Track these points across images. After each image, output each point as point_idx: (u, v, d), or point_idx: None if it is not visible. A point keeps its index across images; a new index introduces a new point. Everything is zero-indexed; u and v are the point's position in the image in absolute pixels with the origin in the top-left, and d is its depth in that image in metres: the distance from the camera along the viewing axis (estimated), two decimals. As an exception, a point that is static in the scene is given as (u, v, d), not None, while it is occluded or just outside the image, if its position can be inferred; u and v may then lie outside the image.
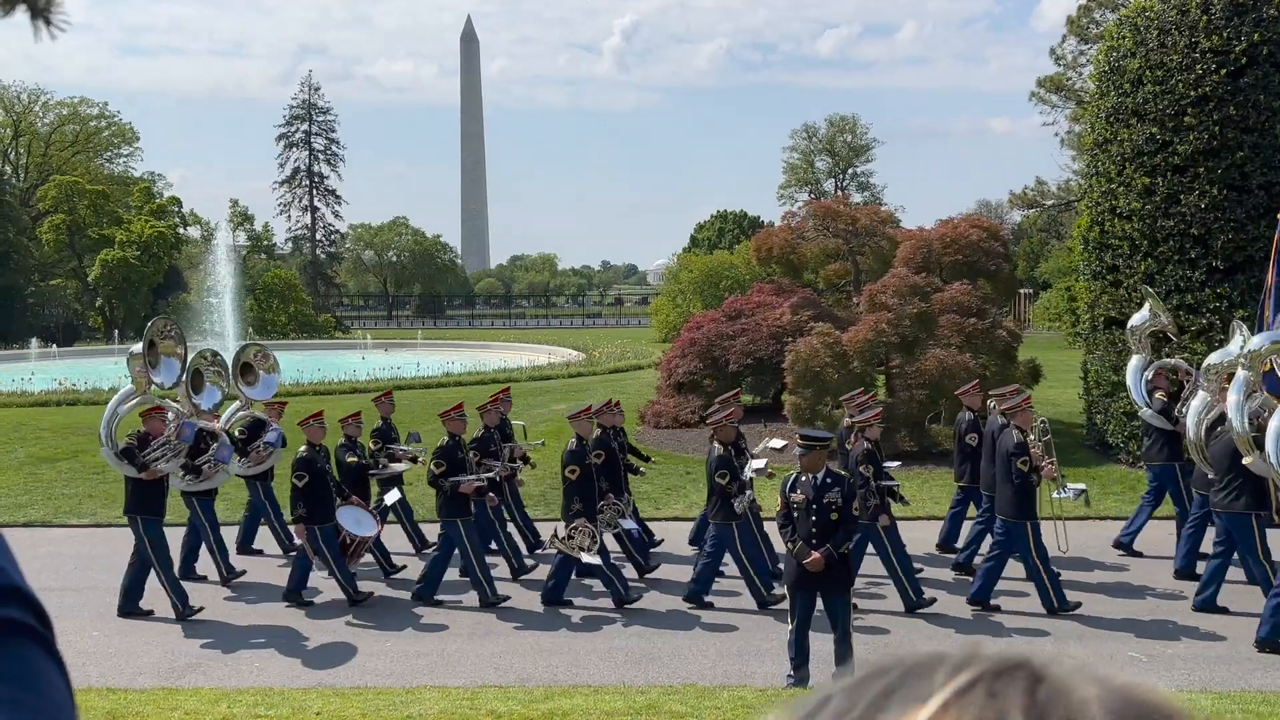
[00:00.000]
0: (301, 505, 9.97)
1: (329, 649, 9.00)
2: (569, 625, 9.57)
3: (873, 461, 9.91)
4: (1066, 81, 45.07)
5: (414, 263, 77.19)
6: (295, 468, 10.11)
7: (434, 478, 10.23)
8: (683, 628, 9.44)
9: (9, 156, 62.87)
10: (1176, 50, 14.38)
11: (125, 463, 9.89)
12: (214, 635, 9.39)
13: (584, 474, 9.96)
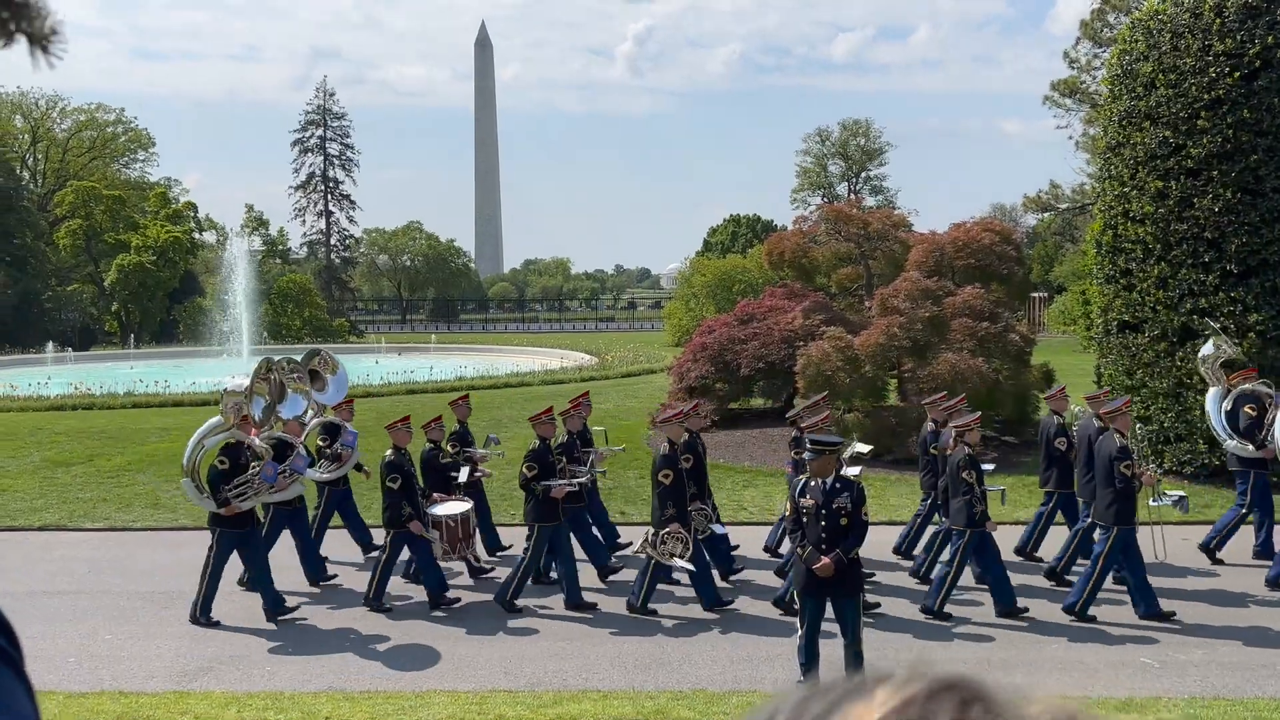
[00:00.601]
0: (394, 508, 10.03)
1: (339, 653, 9.03)
2: (579, 630, 9.58)
3: (974, 467, 9.71)
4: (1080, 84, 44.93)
5: (428, 267, 77.39)
6: (386, 471, 10.15)
7: (525, 481, 10.17)
8: (693, 633, 9.43)
9: (27, 162, 63.32)
10: (1190, 53, 14.32)
11: (205, 497, 9.93)
12: (226, 639, 9.43)
13: (676, 479, 9.83)
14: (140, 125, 68.83)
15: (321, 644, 9.27)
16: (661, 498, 9.83)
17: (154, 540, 13.11)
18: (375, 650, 9.09)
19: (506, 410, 23.22)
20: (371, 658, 8.89)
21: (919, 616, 9.74)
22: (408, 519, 10.05)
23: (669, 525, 9.63)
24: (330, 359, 12.13)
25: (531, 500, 10.21)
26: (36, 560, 12.13)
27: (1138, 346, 15.10)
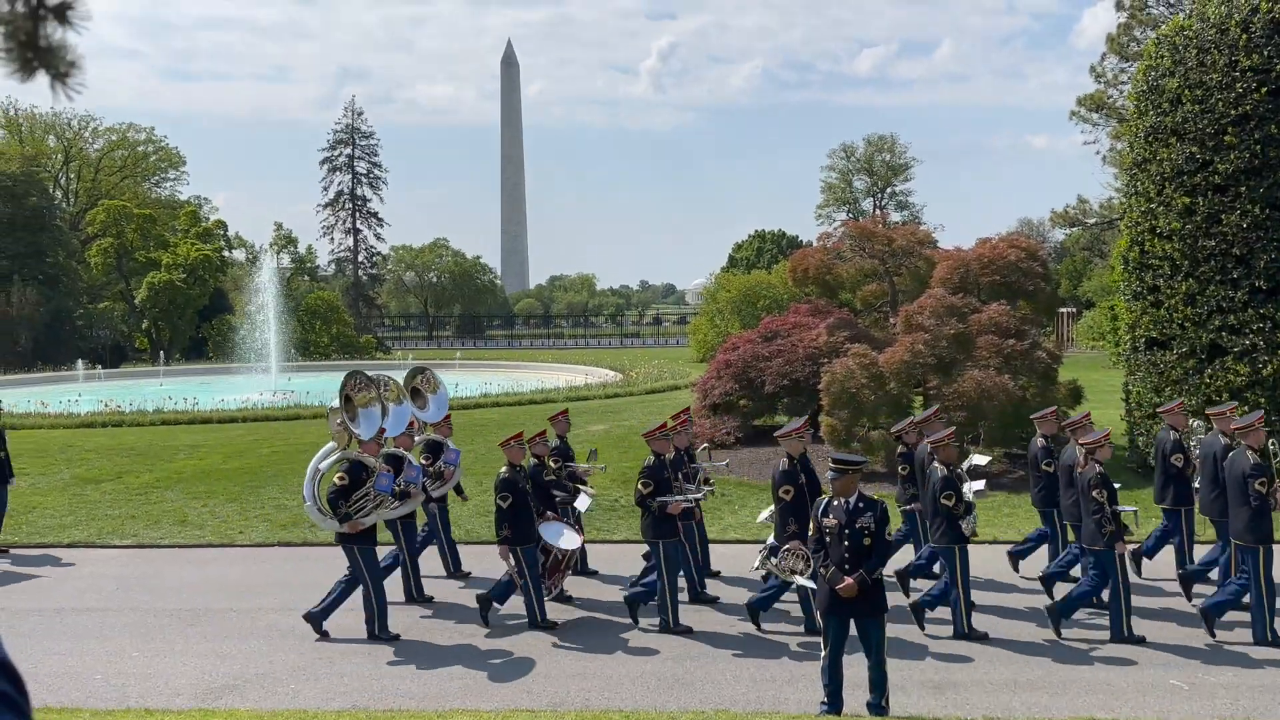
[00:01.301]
0: (506, 526, 10.00)
1: (363, 671, 9.06)
2: (602, 649, 9.57)
3: (1106, 485, 9.58)
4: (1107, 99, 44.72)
5: (454, 284, 77.78)
6: (499, 489, 10.10)
7: (641, 498, 10.05)
8: (717, 653, 9.40)
9: (60, 182, 64.20)
10: (1216, 69, 14.24)
11: (328, 518, 9.99)
12: (251, 657, 9.48)
13: (798, 494, 9.70)
14: (171, 144, 69.75)
15: (345, 663, 9.30)
16: (783, 514, 9.70)
17: (181, 557, 13.22)
18: (399, 669, 9.11)
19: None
20: (395, 677, 8.91)
21: (944, 634, 9.67)
22: (503, 541, 10.00)
23: (791, 542, 9.43)
24: (432, 377, 12.17)
25: (649, 517, 10.08)
26: (65, 577, 12.24)
27: (1165, 363, 14.97)
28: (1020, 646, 9.44)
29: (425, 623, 10.43)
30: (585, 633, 10.00)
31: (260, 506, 15.69)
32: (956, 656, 9.22)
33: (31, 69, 1.14)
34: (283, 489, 16.93)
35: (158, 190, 69.04)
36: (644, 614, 10.35)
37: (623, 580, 11.69)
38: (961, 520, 9.65)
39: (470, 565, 12.37)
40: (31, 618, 10.67)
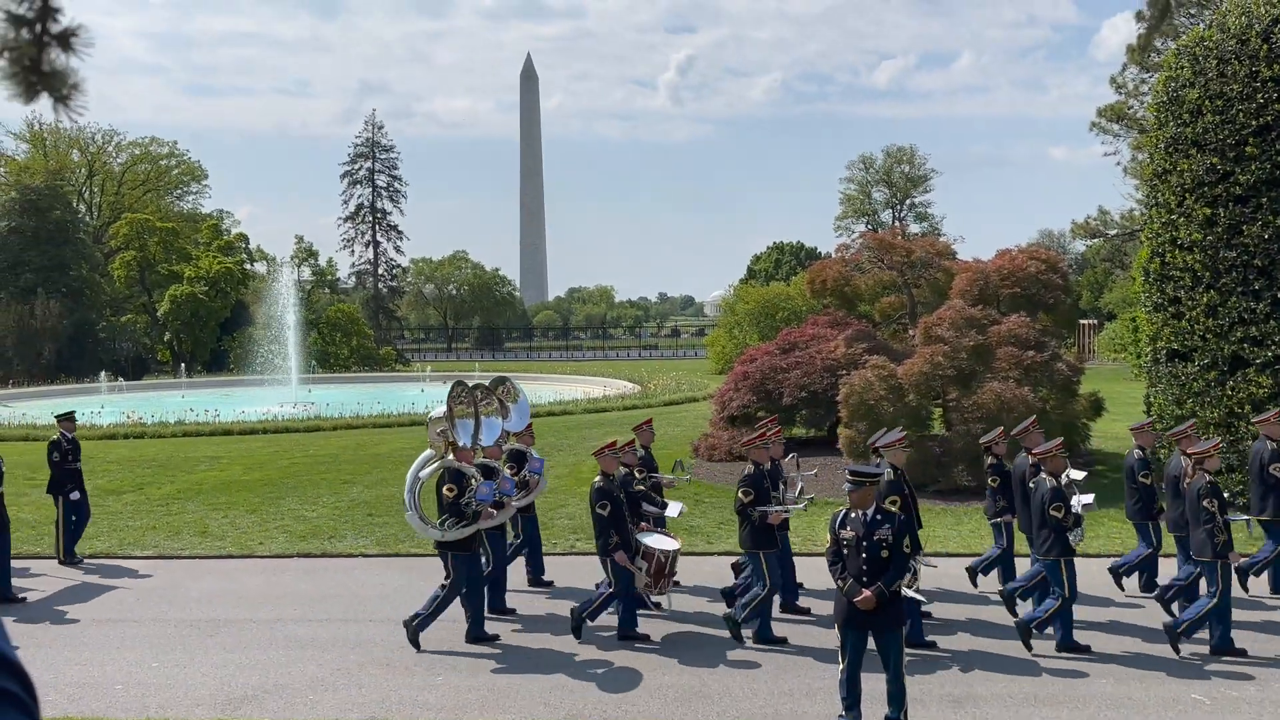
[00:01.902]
0: (612, 533, 9.93)
1: (380, 682, 9.08)
2: (619, 661, 9.55)
3: (1216, 495, 9.46)
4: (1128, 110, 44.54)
5: (473, 296, 78.13)
6: (596, 498, 10.02)
7: (742, 506, 9.97)
8: (734, 665, 9.38)
9: (83, 196, 64.82)
10: (1237, 80, 14.17)
11: (430, 527, 10.05)
12: (270, 668, 9.52)
13: (904, 504, 9.59)
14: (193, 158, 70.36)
15: (363, 674, 9.33)
16: None
17: (201, 568, 13.28)
18: (417, 680, 9.12)
19: (549, 439, 23.30)
20: (413, 688, 8.93)
21: (963, 649, 9.62)
22: (614, 548, 9.94)
23: None
24: (513, 387, 12.19)
25: (748, 527, 9.98)
26: (86, 588, 12.32)
27: (1187, 375, 14.87)
28: (1040, 661, 9.38)
29: (446, 634, 10.44)
30: (603, 645, 9.99)
31: (280, 518, 15.77)
32: (976, 670, 9.17)
33: (35, 92, 1.19)
34: (302, 500, 17.01)
35: (180, 204, 69.65)
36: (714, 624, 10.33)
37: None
38: (1070, 533, 9.55)
39: None
40: (53, 628, 10.75)
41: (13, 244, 49.91)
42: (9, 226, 50.44)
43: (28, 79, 1.12)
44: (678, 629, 10.38)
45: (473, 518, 10.06)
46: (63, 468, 13.65)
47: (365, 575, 12.66)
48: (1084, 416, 17.78)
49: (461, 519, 10.00)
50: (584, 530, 14.40)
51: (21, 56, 1.12)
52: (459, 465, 10.18)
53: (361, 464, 20.73)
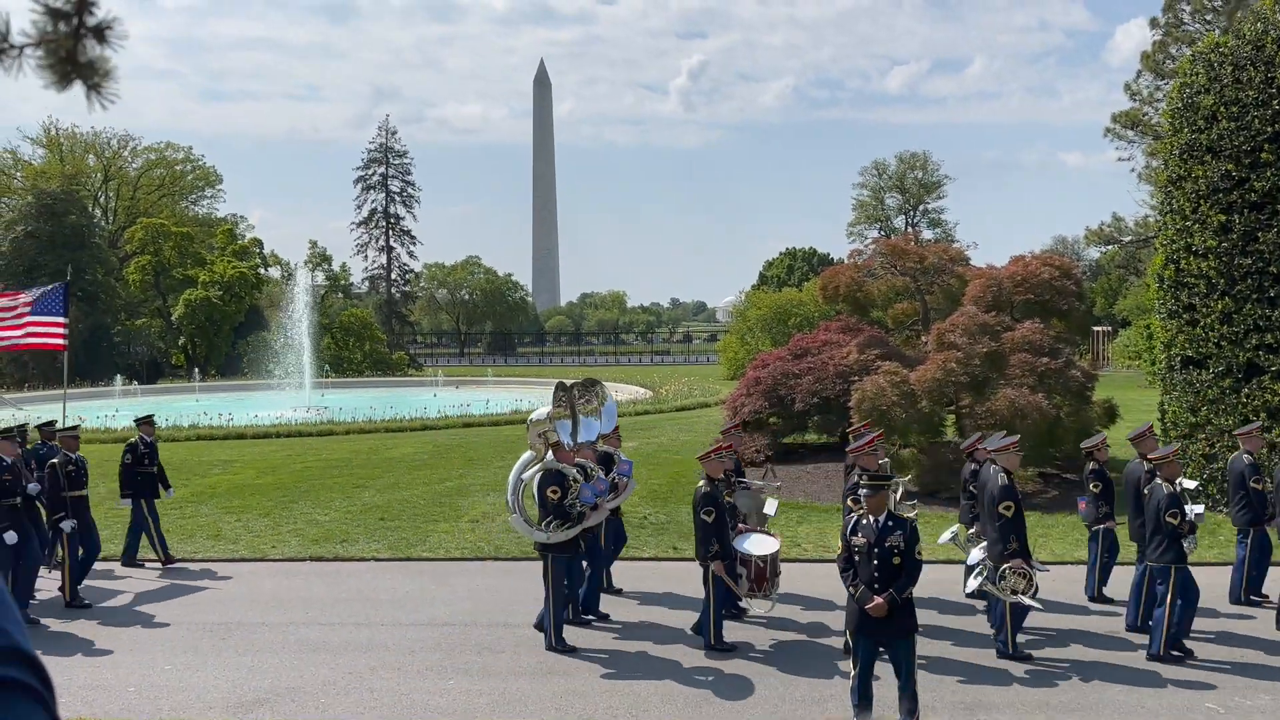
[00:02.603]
0: (714, 541, 9.75)
1: (392, 686, 9.09)
2: (631, 666, 9.56)
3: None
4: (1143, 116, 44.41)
5: (486, 301, 78.30)
6: (701, 504, 9.82)
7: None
8: (747, 671, 9.37)
9: (99, 200, 65.18)
10: (1252, 86, 14.12)
11: (535, 529, 10.01)
12: (282, 672, 9.55)
13: (1018, 511, 9.43)
14: (207, 163, 70.68)
15: (375, 678, 9.34)
16: (1003, 531, 9.36)
17: (214, 571, 13.32)
18: (429, 684, 9.14)
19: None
20: (425, 692, 8.94)
21: (975, 655, 9.58)
22: (713, 557, 9.75)
23: (1012, 560, 9.21)
24: (601, 389, 12.21)
25: None
26: (99, 591, 12.37)
27: (1202, 383, 14.81)
28: (1053, 667, 9.34)
29: (457, 637, 10.45)
30: (615, 650, 9.98)
31: (293, 521, 15.81)
32: (988, 677, 9.14)
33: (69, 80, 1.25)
34: (315, 504, 17.06)
35: (194, 208, 70.00)
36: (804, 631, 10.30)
37: (649, 597, 11.67)
38: (1184, 539, 9.49)
39: None
40: (66, 630, 10.79)
41: (29, 248, 50.22)
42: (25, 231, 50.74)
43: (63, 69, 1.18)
44: (694, 637, 10.36)
45: (577, 519, 10.03)
46: (135, 470, 13.64)
47: (377, 579, 12.68)
48: (1098, 423, 17.70)
49: (566, 520, 9.95)
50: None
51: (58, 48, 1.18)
52: (560, 466, 10.11)
53: (374, 468, 20.78)
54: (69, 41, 1.17)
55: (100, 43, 1.18)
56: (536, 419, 10.51)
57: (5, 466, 11.22)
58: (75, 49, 1.18)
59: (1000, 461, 9.69)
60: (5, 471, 11.16)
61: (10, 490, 11.13)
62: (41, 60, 1.16)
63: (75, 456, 12.35)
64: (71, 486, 12.06)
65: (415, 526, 15.30)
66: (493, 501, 16.89)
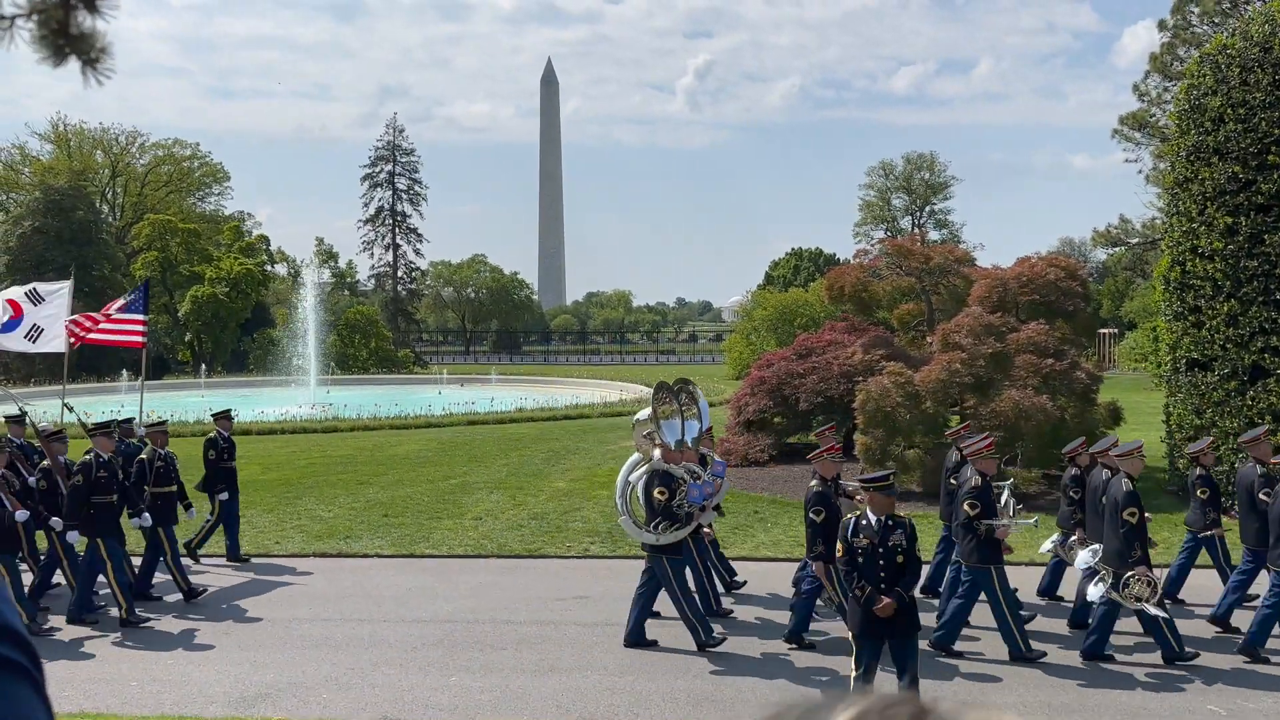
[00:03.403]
0: (820, 542, 9.59)
1: (394, 682, 9.11)
2: (634, 666, 9.56)
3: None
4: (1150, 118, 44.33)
5: (492, 299, 78.30)
6: (812, 503, 9.72)
7: (968, 520, 9.57)
8: (747, 671, 9.36)
9: (106, 196, 65.31)
10: (1259, 88, 14.09)
11: (644, 531, 9.91)
12: (285, 667, 9.57)
13: (1142, 517, 9.23)
14: (215, 160, 70.78)
15: (377, 674, 9.36)
16: (1127, 538, 9.23)
17: (218, 566, 13.35)
18: (430, 680, 9.15)
19: (566, 442, 23.35)
20: (426, 688, 8.95)
21: (980, 657, 9.57)
22: (816, 557, 9.61)
23: (1137, 568, 9.11)
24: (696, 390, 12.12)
25: (972, 540, 9.55)
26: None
27: (1207, 385, 14.78)
28: (1054, 669, 9.33)
29: (459, 634, 10.46)
30: (616, 649, 9.99)
31: (297, 517, 15.84)
32: (989, 678, 9.13)
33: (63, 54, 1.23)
34: (319, 500, 17.08)
35: (202, 205, 70.06)
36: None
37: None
38: None
39: None
40: (72, 626, 10.82)
41: (36, 243, 50.34)
42: (33, 226, 50.86)
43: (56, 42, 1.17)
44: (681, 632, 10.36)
45: (686, 520, 9.95)
46: (218, 466, 13.65)
47: (380, 576, 12.70)
48: (1102, 425, 17.67)
49: (675, 522, 9.85)
50: (598, 535, 14.42)
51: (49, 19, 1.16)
52: (667, 467, 10.00)
53: (378, 465, 20.80)
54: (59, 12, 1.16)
55: (91, 12, 1.17)
56: (641, 419, 10.42)
57: (103, 463, 11.13)
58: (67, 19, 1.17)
59: (1125, 466, 9.56)
60: (102, 468, 11.07)
61: (107, 487, 11.07)
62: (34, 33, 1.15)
63: (164, 452, 12.32)
64: (159, 482, 12.01)
65: (419, 523, 15.32)
66: (496, 499, 16.92)
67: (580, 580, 12.35)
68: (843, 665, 9.19)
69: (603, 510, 15.88)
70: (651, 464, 10.10)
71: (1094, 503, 10.16)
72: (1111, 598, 9.30)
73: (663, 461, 10.05)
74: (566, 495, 17.16)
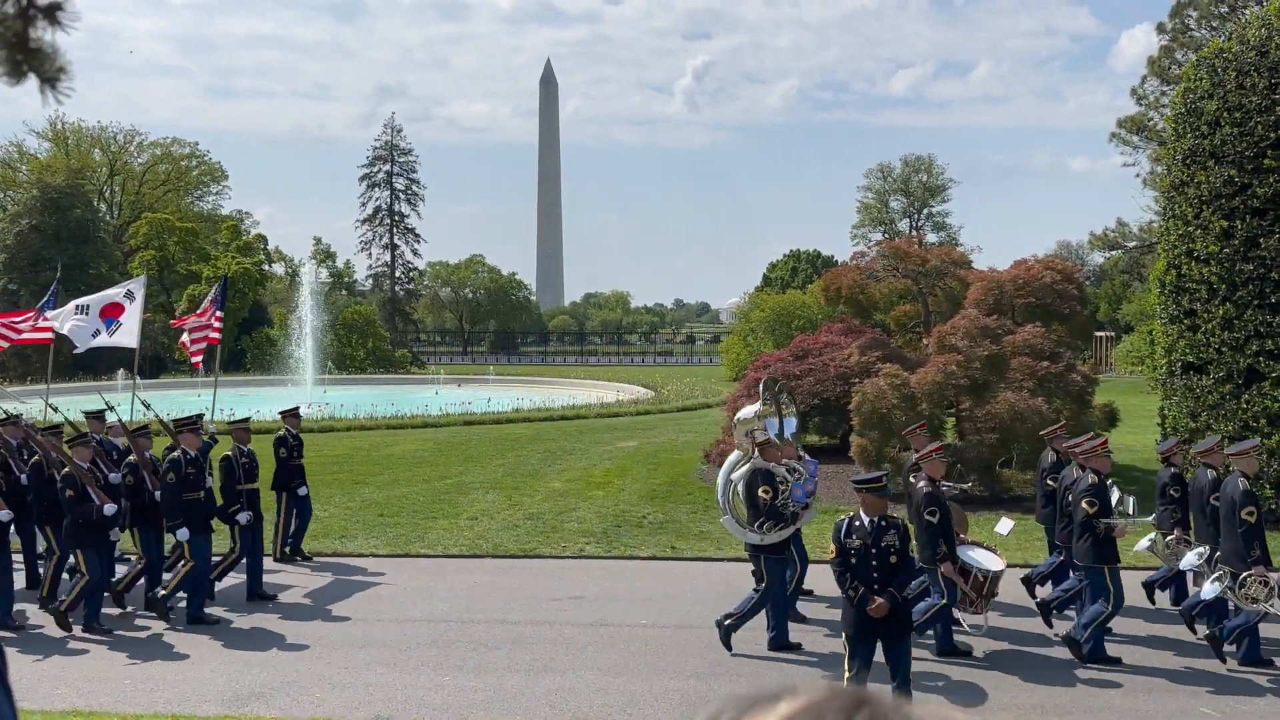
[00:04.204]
0: (941, 542, 9.46)
1: (388, 681, 9.11)
2: (628, 667, 9.56)
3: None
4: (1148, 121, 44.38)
5: (489, 299, 78.28)
6: (925, 503, 9.53)
7: (1087, 519, 9.47)
8: (741, 671, 9.37)
9: (104, 195, 65.27)
10: (1256, 92, 14.11)
11: (748, 531, 9.81)
12: (278, 666, 9.57)
13: (1260, 517, 9.12)
14: (213, 159, 70.76)
15: (370, 673, 9.36)
16: (1246, 538, 9.17)
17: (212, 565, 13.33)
18: (424, 680, 9.15)
19: (563, 442, 23.35)
20: (420, 688, 8.95)
21: (973, 657, 9.58)
22: (941, 559, 9.43)
23: (1255, 567, 9.01)
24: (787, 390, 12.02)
25: (1088, 540, 9.46)
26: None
27: (1202, 388, 14.80)
28: (1048, 671, 9.34)
29: (453, 633, 10.47)
30: (610, 649, 10.00)
31: (292, 517, 15.81)
32: (986, 679, 9.14)
33: (21, 72, 1.17)
34: (315, 499, 16.99)
35: (200, 204, 70.05)
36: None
37: (645, 596, 11.68)
38: None
39: None
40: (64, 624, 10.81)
41: (34, 241, 50.31)
42: (30, 224, 50.83)
43: (13, 57, 1.11)
44: (688, 636, 10.37)
45: (791, 519, 9.86)
46: (289, 463, 13.60)
47: (375, 575, 12.70)
48: (1098, 428, 17.69)
49: (780, 521, 9.74)
50: (593, 535, 14.42)
51: (6, 31, 1.09)
52: (770, 466, 9.89)
53: (374, 465, 20.80)
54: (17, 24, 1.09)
55: (52, 24, 1.11)
56: (744, 417, 10.30)
57: (190, 460, 11.10)
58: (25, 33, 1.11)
59: (1241, 465, 9.48)
60: (189, 465, 11.03)
61: (195, 485, 11.04)
62: None
63: (247, 449, 12.30)
64: (246, 479, 11.99)
65: (414, 523, 15.32)
66: (492, 499, 16.92)
67: (575, 581, 12.35)
68: (838, 663, 9.21)
69: (599, 511, 15.90)
70: (753, 463, 9.93)
71: (1200, 504, 10.06)
72: (1229, 598, 9.23)
73: (763, 460, 9.90)
74: (562, 495, 17.16)
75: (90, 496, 10.52)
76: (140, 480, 11.45)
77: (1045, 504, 11.25)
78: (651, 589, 11.98)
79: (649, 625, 10.63)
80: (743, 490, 9.98)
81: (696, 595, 11.67)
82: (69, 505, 10.50)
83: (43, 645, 10.06)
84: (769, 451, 9.95)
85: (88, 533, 10.51)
